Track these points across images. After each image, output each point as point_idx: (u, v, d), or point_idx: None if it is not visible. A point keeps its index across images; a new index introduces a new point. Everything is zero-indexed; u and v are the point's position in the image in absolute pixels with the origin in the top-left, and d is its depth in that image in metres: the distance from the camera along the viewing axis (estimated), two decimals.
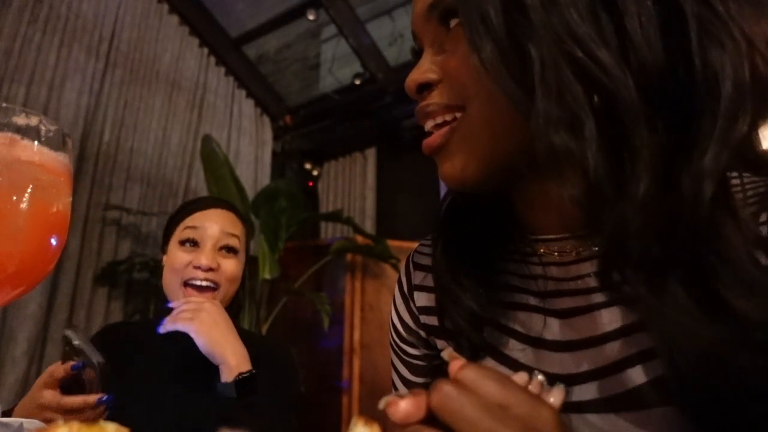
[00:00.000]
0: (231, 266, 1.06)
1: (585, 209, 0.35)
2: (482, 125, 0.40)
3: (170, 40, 3.22)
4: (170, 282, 1.04)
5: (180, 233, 1.06)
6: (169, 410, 0.88)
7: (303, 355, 3.02)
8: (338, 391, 3.00)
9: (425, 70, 0.44)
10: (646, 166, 0.31)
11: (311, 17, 3.37)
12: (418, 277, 0.58)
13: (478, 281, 0.47)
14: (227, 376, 0.85)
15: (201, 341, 0.87)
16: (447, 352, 0.31)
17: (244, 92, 3.79)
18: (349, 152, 4.22)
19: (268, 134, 3.95)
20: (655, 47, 0.32)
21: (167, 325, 0.89)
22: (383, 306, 3.17)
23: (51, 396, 0.78)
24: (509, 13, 0.35)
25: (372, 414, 0.30)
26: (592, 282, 0.43)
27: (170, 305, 0.94)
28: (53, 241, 0.37)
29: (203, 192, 3.14)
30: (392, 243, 2.99)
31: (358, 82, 3.69)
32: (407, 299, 0.58)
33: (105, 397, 0.80)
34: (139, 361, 0.99)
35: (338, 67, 3.86)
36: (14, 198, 0.34)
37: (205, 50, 3.50)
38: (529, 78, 0.34)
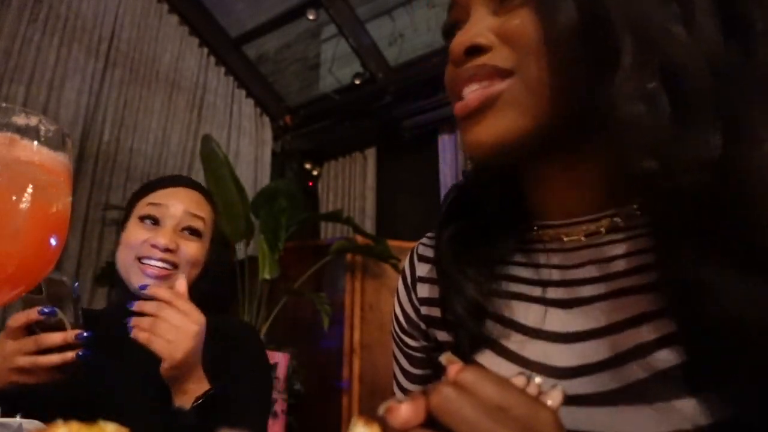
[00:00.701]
0: (192, 249, 0.99)
1: (613, 187, 0.40)
2: (531, 92, 0.40)
3: (170, 39, 3.22)
4: (124, 258, 0.96)
5: (141, 209, 0.99)
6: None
7: (303, 355, 3.02)
8: (338, 391, 3.00)
9: (476, 33, 0.43)
10: (714, 139, 0.33)
11: (311, 17, 3.37)
12: (421, 269, 0.58)
13: (481, 271, 0.48)
14: (184, 401, 0.79)
15: (162, 362, 0.79)
16: (445, 357, 0.32)
17: (244, 92, 3.79)
18: (349, 152, 4.22)
19: (268, 134, 3.95)
20: (718, 39, 0.35)
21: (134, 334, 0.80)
22: (383, 306, 3.17)
23: (18, 343, 0.71)
24: None
25: (372, 414, 0.30)
26: (595, 271, 0.43)
27: (131, 307, 0.83)
28: (53, 241, 0.37)
29: None
30: (392, 243, 2.99)
31: (358, 82, 3.69)
32: (410, 290, 0.59)
33: (85, 333, 0.75)
34: (109, 367, 0.91)
35: (338, 67, 3.86)
36: (14, 198, 0.34)
37: (205, 50, 3.50)
38: (605, 49, 0.35)
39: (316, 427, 3.01)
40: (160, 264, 0.94)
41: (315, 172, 4.35)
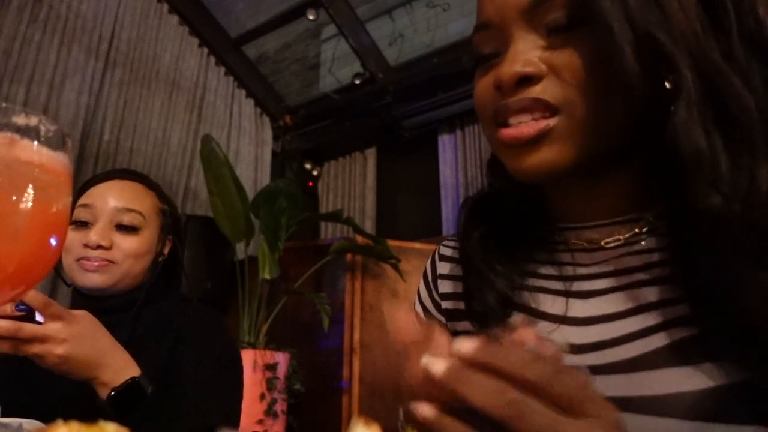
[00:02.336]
0: (128, 244, 0.96)
1: (631, 197, 0.46)
2: (580, 128, 0.43)
3: (170, 39, 3.22)
4: (65, 262, 0.96)
5: (74, 213, 0.96)
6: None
7: (303, 355, 3.02)
8: (338, 391, 3.00)
9: (527, 62, 0.44)
10: (754, 149, 0.38)
11: (311, 17, 3.37)
12: (443, 268, 0.63)
13: (509, 267, 0.52)
14: (102, 394, 0.77)
15: (67, 376, 0.75)
16: (518, 318, 0.34)
17: (244, 92, 3.79)
18: (349, 152, 4.22)
19: (268, 134, 3.95)
20: (759, 77, 0.40)
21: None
22: (383, 306, 3.17)
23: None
24: (653, 13, 0.40)
25: (372, 414, 0.30)
26: (612, 266, 0.48)
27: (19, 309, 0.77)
28: (53, 241, 0.37)
29: (203, 192, 3.14)
30: (392, 243, 2.99)
31: (358, 82, 3.69)
32: (431, 288, 0.63)
33: (23, 306, 0.73)
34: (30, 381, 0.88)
35: (338, 67, 3.86)
36: (14, 198, 0.34)
37: (205, 50, 3.50)
38: (664, 85, 0.39)
39: (316, 427, 3.01)
40: (96, 263, 0.94)
41: (315, 172, 4.35)
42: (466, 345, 0.30)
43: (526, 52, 0.44)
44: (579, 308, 0.48)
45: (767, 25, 0.41)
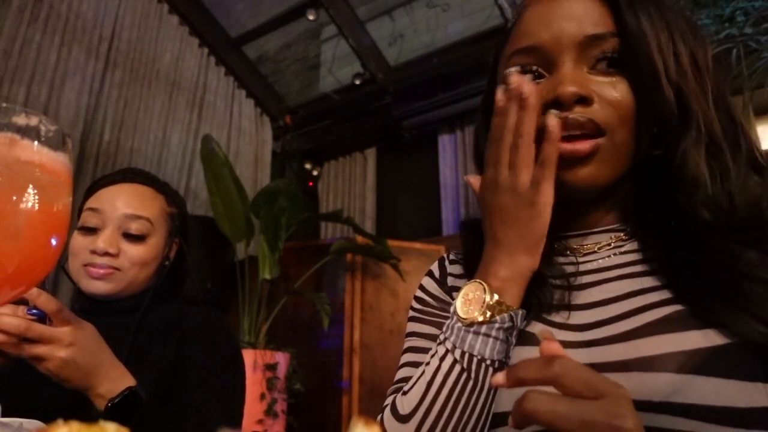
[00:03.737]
0: (135, 252, 0.96)
1: (623, 209, 0.58)
2: (619, 149, 0.53)
3: (170, 40, 3.22)
4: (72, 266, 0.95)
5: (82, 216, 0.96)
6: None
7: (303, 355, 3.02)
8: (338, 391, 3.00)
9: (582, 85, 0.52)
10: (734, 174, 0.52)
11: (311, 17, 3.37)
12: (453, 269, 0.68)
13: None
14: (99, 405, 0.77)
15: (63, 384, 0.76)
16: (541, 332, 0.41)
17: (244, 92, 3.80)
18: (349, 152, 4.22)
19: (268, 134, 3.95)
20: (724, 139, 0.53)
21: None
22: (383, 306, 3.17)
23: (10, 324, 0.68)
24: (681, 75, 0.52)
25: (372, 414, 0.30)
26: (605, 263, 0.57)
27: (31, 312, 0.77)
28: (53, 241, 0.37)
29: (203, 192, 3.15)
30: (392, 243, 2.99)
31: (358, 82, 3.69)
32: (439, 282, 0.68)
33: (35, 310, 0.74)
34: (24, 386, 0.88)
35: (338, 67, 3.86)
36: (14, 198, 0.34)
37: (205, 50, 3.50)
38: (684, 122, 0.51)
39: (316, 427, 3.02)
40: (102, 271, 0.94)
41: (315, 172, 4.35)
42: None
43: (578, 76, 0.52)
44: (581, 297, 0.56)
45: (728, 96, 0.55)
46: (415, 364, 0.57)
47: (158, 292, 1.01)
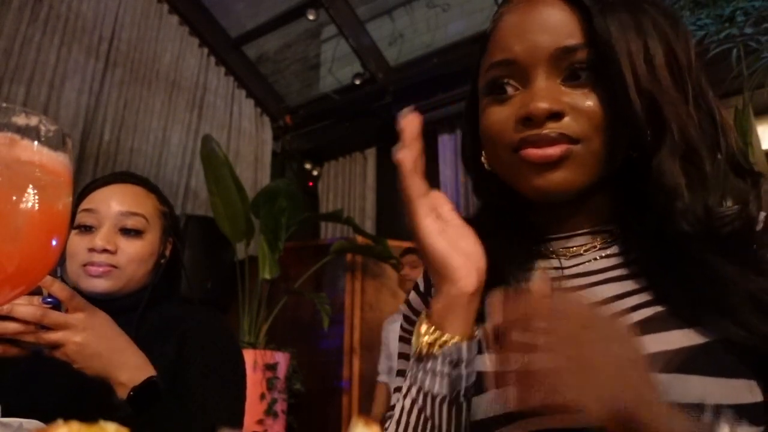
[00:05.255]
0: (132, 249, 0.97)
1: (603, 213, 0.58)
2: (593, 156, 0.53)
3: (170, 40, 3.22)
4: (69, 267, 0.96)
5: (77, 217, 0.97)
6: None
7: (303, 355, 3.02)
8: (338, 391, 3.00)
9: (555, 100, 0.52)
10: (712, 180, 0.52)
11: (311, 17, 3.38)
12: None
13: (510, 275, 0.59)
14: (120, 393, 0.78)
15: (84, 372, 0.77)
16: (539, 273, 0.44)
17: (244, 92, 3.80)
18: (349, 152, 4.22)
19: (268, 134, 3.95)
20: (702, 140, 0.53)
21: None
22: (383, 306, 3.17)
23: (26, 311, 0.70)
24: (654, 83, 0.52)
25: (372, 414, 0.30)
26: (588, 268, 0.58)
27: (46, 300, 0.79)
28: (53, 241, 0.37)
29: (203, 192, 3.14)
30: (392, 243, 2.99)
31: (358, 82, 3.69)
32: (423, 295, 0.67)
33: (50, 299, 0.76)
34: (25, 380, 0.89)
35: (338, 67, 3.86)
36: (14, 198, 0.34)
37: (205, 50, 3.50)
38: (658, 131, 0.51)
39: (316, 427, 3.02)
40: (101, 269, 0.94)
41: (315, 172, 4.35)
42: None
43: (551, 90, 0.53)
44: None
45: (709, 93, 0.55)
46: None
47: (155, 291, 1.01)
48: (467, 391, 0.51)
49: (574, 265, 0.59)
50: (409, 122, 0.50)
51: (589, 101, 0.52)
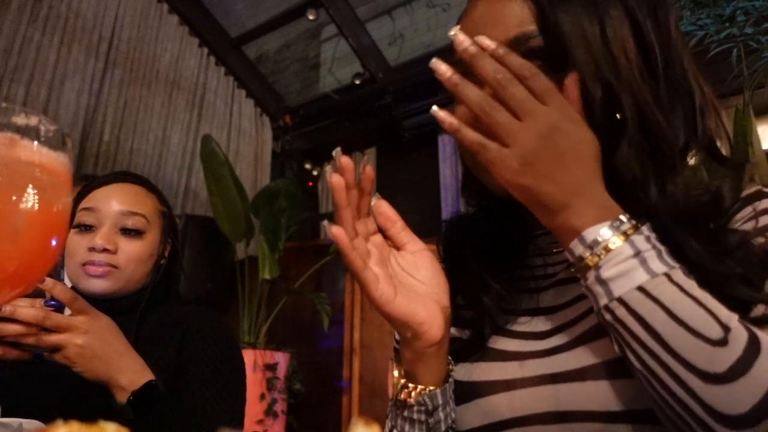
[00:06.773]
0: (132, 248, 0.96)
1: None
2: None
3: (170, 40, 3.22)
4: (69, 267, 0.95)
5: (77, 217, 0.96)
6: None
7: (303, 355, 3.02)
8: (338, 391, 3.00)
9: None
10: (676, 177, 0.49)
11: (311, 17, 3.37)
12: None
13: (500, 271, 0.60)
14: (120, 397, 0.78)
15: (83, 375, 0.77)
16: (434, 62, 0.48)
17: (243, 92, 3.79)
18: (349, 152, 4.15)
19: (268, 134, 3.95)
20: (675, 126, 0.50)
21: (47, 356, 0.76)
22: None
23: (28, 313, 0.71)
24: (612, 69, 0.49)
25: (372, 414, 0.30)
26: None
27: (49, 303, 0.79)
28: (53, 241, 0.37)
29: (203, 192, 3.14)
30: None
31: (358, 82, 3.69)
32: None
33: (52, 301, 0.76)
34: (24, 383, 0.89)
35: (338, 67, 3.86)
36: (14, 198, 0.34)
37: (205, 50, 3.50)
38: (616, 122, 0.49)
39: (316, 427, 3.02)
40: (101, 270, 0.94)
41: (315, 172, 4.34)
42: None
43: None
44: (549, 299, 0.57)
45: (690, 71, 0.51)
46: None
47: (155, 292, 1.01)
48: (448, 429, 0.52)
49: (558, 263, 0.59)
50: (338, 182, 0.46)
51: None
